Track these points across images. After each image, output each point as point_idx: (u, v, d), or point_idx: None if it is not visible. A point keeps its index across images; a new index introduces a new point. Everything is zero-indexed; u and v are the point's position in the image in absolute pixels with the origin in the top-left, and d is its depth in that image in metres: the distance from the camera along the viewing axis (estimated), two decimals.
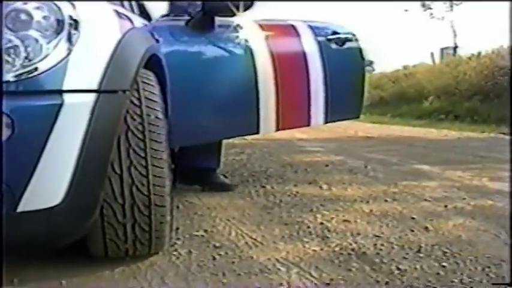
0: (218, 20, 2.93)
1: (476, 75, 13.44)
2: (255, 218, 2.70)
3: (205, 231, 2.45)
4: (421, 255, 2.04)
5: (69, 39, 1.56)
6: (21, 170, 1.46)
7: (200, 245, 2.23)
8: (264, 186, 3.55)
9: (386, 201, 3.04)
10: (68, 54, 1.54)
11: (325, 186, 3.51)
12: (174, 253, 2.12)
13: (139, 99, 1.83)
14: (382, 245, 2.17)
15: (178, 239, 2.32)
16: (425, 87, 15.79)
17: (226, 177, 3.78)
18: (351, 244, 2.19)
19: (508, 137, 7.88)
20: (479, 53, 15.99)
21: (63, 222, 1.58)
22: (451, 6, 20.84)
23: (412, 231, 2.37)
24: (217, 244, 2.23)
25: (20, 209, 1.48)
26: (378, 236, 2.29)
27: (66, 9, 1.58)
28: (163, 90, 2.22)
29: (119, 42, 1.73)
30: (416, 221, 2.56)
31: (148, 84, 1.93)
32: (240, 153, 5.70)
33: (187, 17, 3.02)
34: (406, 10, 24.90)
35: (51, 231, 1.59)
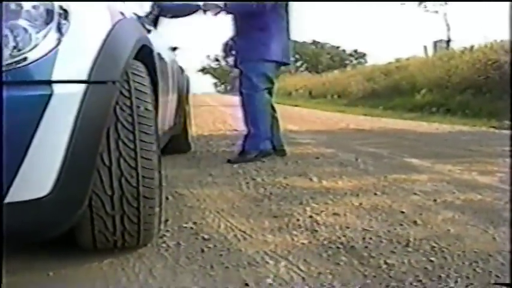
0: None
1: (468, 69, 13.46)
2: (245, 210, 2.70)
3: (195, 223, 2.45)
4: (409, 249, 2.04)
5: (59, 29, 1.54)
6: (10, 161, 1.45)
7: (189, 237, 2.23)
8: (254, 179, 3.55)
9: (376, 194, 3.04)
10: (58, 44, 1.53)
11: (315, 179, 3.52)
12: (163, 245, 2.12)
13: (129, 90, 1.82)
14: (370, 238, 2.18)
15: (167, 231, 2.32)
16: (417, 80, 15.82)
17: None
18: (339, 238, 2.19)
19: (498, 131, 7.94)
20: (472, 47, 16.06)
21: (51, 213, 1.57)
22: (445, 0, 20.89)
23: (401, 225, 2.38)
24: (206, 236, 2.24)
25: (7, 199, 1.47)
26: (366, 230, 2.30)
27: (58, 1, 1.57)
28: (154, 81, 2.22)
29: (109, 32, 1.72)
30: (405, 215, 2.56)
31: (138, 75, 1.93)
32: (231, 144, 5.71)
33: None
34: (402, 3, 24.91)
35: (39, 222, 1.58)
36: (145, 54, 2.13)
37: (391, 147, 5.50)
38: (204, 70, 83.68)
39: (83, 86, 1.55)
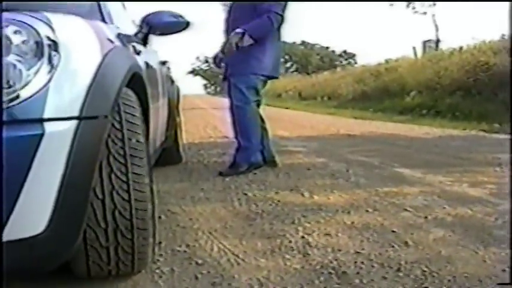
0: None
1: (458, 70, 13.53)
2: (238, 230, 2.72)
3: (188, 246, 2.46)
4: (401, 274, 2.06)
5: (50, 63, 1.55)
6: (4, 201, 1.46)
7: (183, 262, 2.25)
8: (246, 194, 3.57)
9: (367, 211, 3.06)
10: (49, 80, 1.53)
11: (307, 194, 3.54)
12: (157, 271, 2.14)
13: (120, 122, 1.83)
14: (362, 262, 2.19)
15: (160, 255, 2.33)
16: (407, 81, 15.90)
17: None
18: (331, 262, 2.21)
19: (488, 135, 7.99)
20: (460, 48, 16.14)
21: (46, 250, 1.58)
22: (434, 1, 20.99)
23: (393, 246, 2.39)
24: (200, 261, 2.25)
25: (3, 238, 1.48)
26: (358, 253, 2.31)
27: (46, 33, 1.57)
28: (145, 109, 2.23)
29: (100, 65, 1.72)
30: (396, 234, 2.58)
31: (130, 105, 1.93)
32: (222, 154, 5.72)
33: None
34: (391, 4, 24.98)
35: (34, 259, 1.59)
36: (136, 81, 2.14)
37: (381, 155, 5.52)
38: (194, 72, 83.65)
39: (74, 122, 1.55)
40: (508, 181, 3.88)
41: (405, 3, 22.39)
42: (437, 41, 20.78)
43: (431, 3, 21.14)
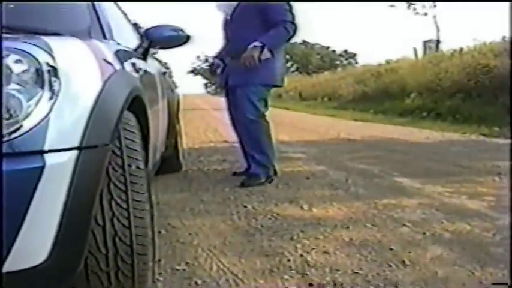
0: None
1: (458, 72, 13.57)
2: (237, 247, 2.74)
3: (187, 264, 2.49)
4: None
5: (51, 93, 1.55)
6: (5, 233, 1.48)
7: (182, 283, 2.27)
8: (245, 206, 3.59)
9: (366, 226, 3.08)
10: (50, 111, 1.53)
11: (306, 206, 3.56)
12: None
13: (120, 148, 1.84)
14: (359, 284, 2.22)
15: (160, 274, 2.35)
16: (407, 83, 15.94)
17: None
18: (329, 282, 2.23)
19: (488, 140, 8.02)
20: (461, 49, 16.16)
21: (48, 279, 1.59)
22: (434, 2, 21.04)
23: (390, 266, 2.41)
24: (199, 281, 2.27)
25: (4, 269, 1.49)
26: (356, 273, 2.33)
27: (46, 61, 1.58)
28: (144, 132, 2.24)
29: (100, 92, 1.72)
30: (394, 252, 2.60)
31: (130, 131, 1.94)
32: (222, 161, 5.75)
33: None
34: (391, 5, 25.01)
35: None
36: (137, 103, 2.15)
37: (381, 162, 5.55)
38: (194, 71, 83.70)
39: (75, 153, 1.56)
40: (507, 193, 3.90)
41: (406, 4, 22.42)
42: (438, 42, 20.84)
43: (431, 4, 21.15)
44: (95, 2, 2.79)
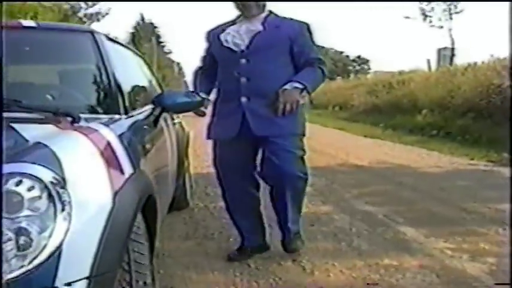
0: None
1: (470, 90, 13.56)
2: None
3: None
4: None
5: (62, 223, 1.58)
6: None
7: None
8: (249, 265, 3.63)
9: None
10: (61, 243, 1.55)
11: (308, 267, 3.60)
12: None
13: (128, 263, 1.88)
14: None
15: None
16: (419, 98, 15.95)
17: None
18: None
19: (496, 169, 8.06)
20: (475, 63, 16.14)
21: None
22: (450, 15, 21.06)
23: None
24: None
25: None
26: None
27: (56, 184, 1.61)
28: (151, 232, 2.28)
29: (110, 213, 1.75)
30: None
31: (138, 242, 1.98)
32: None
33: None
34: (407, 17, 25.01)
35: None
36: (147, 205, 2.18)
37: (387, 202, 5.61)
38: None
39: (84, 282, 1.58)
40: (507, 251, 3.93)
41: (422, 16, 22.51)
42: (453, 55, 20.83)
43: (447, 17, 21.21)
44: (113, 73, 2.83)
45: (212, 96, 3.78)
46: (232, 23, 3.65)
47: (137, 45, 49.29)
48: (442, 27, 21.63)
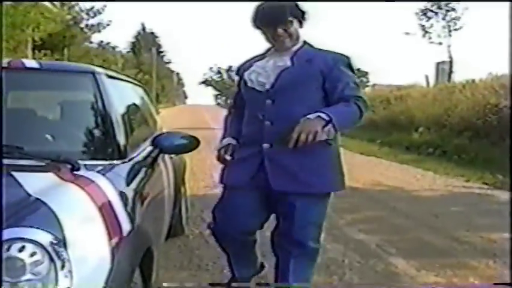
0: None
1: (468, 109, 13.62)
2: None
3: None
4: None
5: (63, 283, 1.67)
6: None
7: None
8: None
9: None
10: None
11: None
12: None
13: None
14: None
15: None
16: (416, 115, 16.04)
17: None
18: None
19: (490, 192, 8.15)
20: (473, 80, 16.24)
21: None
22: (449, 32, 21.26)
23: None
24: None
25: None
26: None
27: (58, 250, 1.70)
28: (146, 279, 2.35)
29: (110, 271, 1.85)
30: None
31: None
32: None
33: None
34: (406, 33, 25.17)
35: None
36: (145, 258, 2.26)
37: (380, 230, 5.67)
38: (206, 82, 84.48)
39: None
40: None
41: (421, 32, 22.72)
42: (451, 72, 20.98)
43: (446, 34, 21.41)
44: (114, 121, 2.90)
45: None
46: (262, 56, 3.15)
47: (137, 54, 49.42)
48: (441, 43, 21.87)
